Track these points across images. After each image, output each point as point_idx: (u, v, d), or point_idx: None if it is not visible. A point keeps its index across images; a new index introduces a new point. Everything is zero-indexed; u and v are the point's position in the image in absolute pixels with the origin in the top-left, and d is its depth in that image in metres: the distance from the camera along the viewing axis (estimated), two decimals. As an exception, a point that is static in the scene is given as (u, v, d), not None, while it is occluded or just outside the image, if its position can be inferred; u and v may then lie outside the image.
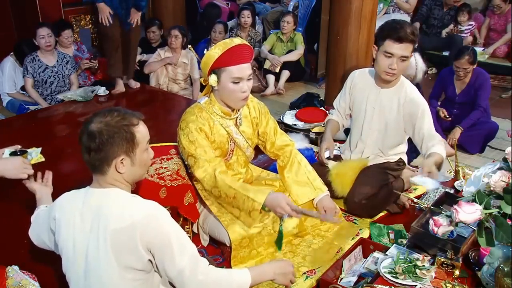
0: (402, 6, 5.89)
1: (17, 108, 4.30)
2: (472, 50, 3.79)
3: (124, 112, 1.57)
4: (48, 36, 4.15)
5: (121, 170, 1.54)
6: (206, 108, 2.26)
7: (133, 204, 1.52)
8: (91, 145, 1.51)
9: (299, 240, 2.38)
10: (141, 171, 1.64)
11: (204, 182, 2.19)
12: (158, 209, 1.52)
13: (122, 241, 1.47)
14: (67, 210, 1.59)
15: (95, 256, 1.50)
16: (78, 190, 1.65)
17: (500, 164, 1.82)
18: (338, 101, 2.83)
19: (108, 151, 1.51)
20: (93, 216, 1.52)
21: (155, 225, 1.48)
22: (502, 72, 5.37)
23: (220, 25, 5.23)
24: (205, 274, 1.52)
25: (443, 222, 1.81)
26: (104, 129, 1.50)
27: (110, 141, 1.50)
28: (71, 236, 1.56)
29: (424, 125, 2.51)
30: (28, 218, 2.52)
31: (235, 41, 2.15)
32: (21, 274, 1.96)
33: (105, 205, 1.51)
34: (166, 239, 1.48)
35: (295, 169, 2.45)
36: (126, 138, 1.52)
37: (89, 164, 1.56)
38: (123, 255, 1.48)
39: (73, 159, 3.28)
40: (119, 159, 1.53)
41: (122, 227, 1.46)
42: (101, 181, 1.57)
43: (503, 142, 3.88)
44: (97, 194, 1.56)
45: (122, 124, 1.53)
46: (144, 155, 1.61)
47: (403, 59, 2.40)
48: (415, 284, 1.91)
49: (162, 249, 1.48)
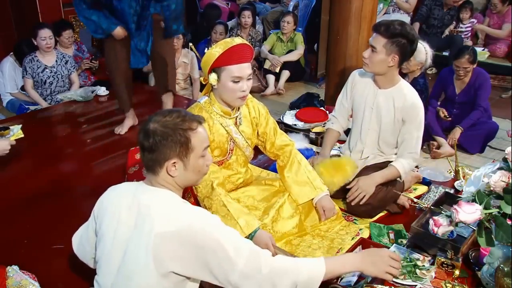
0: (402, 6, 5.89)
1: (17, 108, 4.30)
2: (472, 50, 3.79)
3: (184, 114, 1.53)
4: (49, 38, 4.15)
5: (173, 173, 1.50)
6: (206, 107, 2.27)
7: (182, 209, 1.47)
8: (145, 144, 1.49)
9: (299, 240, 2.38)
10: (194, 177, 1.58)
11: (198, 188, 2.18)
12: (205, 217, 1.47)
13: (166, 247, 1.41)
14: (115, 200, 1.56)
15: (134, 255, 1.46)
16: (130, 183, 1.63)
17: (500, 164, 1.82)
18: (340, 102, 2.83)
19: (160, 152, 1.48)
20: (140, 213, 1.48)
21: (203, 232, 1.41)
22: (502, 72, 5.37)
23: (220, 26, 5.23)
24: (269, 265, 1.43)
25: (443, 222, 1.81)
26: (159, 130, 1.47)
27: (163, 142, 1.47)
28: (114, 227, 1.52)
29: (409, 131, 2.55)
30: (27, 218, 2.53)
31: (236, 41, 2.15)
32: (21, 274, 1.96)
33: (154, 206, 1.47)
34: (216, 244, 1.41)
35: (295, 168, 2.45)
36: (180, 141, 1.48)
37: (144, 162, 1.54)
38: (166, 261, 1.42)
39: (73, 160, 3.28)
40: (171, 162, 1.49)
41: (166, 232, 1.41)
42: (153, 181, 1.54)
43: (503, 142, 3.89)
44: (148, 192, 1.52)
45: (179, 127, 1.48)
46: (200, 161, 1.55)
47: (373, 49, 2.44)
48: (415, 284, 1.91)
49: (215, 255, 1.41)
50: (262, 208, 2.38)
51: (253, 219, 2.15)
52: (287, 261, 1.48)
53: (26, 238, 2.37)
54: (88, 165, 3.15)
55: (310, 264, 1.49)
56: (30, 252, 2.25)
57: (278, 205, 2.38)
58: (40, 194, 2.77)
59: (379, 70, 2.50)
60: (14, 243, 2.33)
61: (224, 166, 2.39)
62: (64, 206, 2.66)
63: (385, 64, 2.45)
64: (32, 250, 2.28)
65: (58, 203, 2.68)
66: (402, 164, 2.57)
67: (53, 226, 2.46)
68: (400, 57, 2.43)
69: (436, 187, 2.85)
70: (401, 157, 2.60)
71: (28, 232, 2.42)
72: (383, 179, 2.55)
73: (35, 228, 2.46)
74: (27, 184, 2.70)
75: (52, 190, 2.84)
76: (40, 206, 2.65)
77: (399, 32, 2.37)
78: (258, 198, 2.42)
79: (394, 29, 2.37)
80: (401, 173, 2.57)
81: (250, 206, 2.35)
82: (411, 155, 2.58)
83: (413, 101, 2.54)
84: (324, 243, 2.36)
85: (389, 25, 2.38)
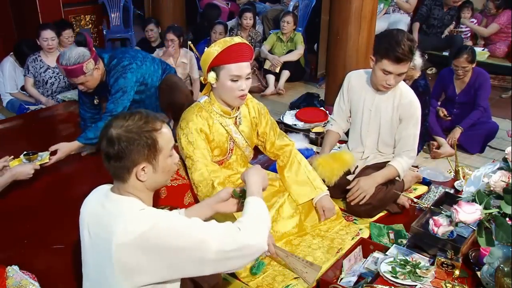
0: (402, 6, 5.89)
1: (17, 108, 4.30)
2: (471, 49, 3.79)
3: (146, 115, 1.46)
4: (52, 39, 4.18)
5: (142, 178, 1.45)
6: (205, 107, 2.26)
7: (139, 217, 1.39)
8: (110, 152, 1.41)
9: (299, 240, 2.38)
10: (164, 178, 1.53)
11: (199, 187, 2.18)
12: (161, 218, 1.40)
13: (128, 259, 1.35)
14: (89, 208, 1.53)
15: (102, 268, 1.42)
16: (102, 187, 1.56)
17: (500, 164, 1.82)
18: (338, 105, 2.83)
19: (128, 158, 1.41)
20: (102, 224, 1.44)
21: (162, 233, 1.35)
22: (502, 72, 5.37)
23: (220, 26, 5.23)
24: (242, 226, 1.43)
25: (443, 222, 1.81)
26: (123, 135, 1.40)
27: (130, 148, 1.40)
28: (86, 236, 1.50)
29: (406, 129, 2.55)
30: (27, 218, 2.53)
31: (235, 40, 2.15)
32: (21, 274, 1.96)
33: (115, 217, 1.41)
34: (182, 238, 1.36)
35: (295, 168, 2.45)
36: (148, 144, 1.42)
37: (109, 171, 1.47)
38: (133, 275, 1.37)
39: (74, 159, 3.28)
40: (140, 167, 1.43)
41: (126, 242, 1.34)
42: (120, 189, 1.48)
43: (503, 142, 3.88)
44: (112, 202, 1.47)
45: (144, 130, 1.42)
46: (168, 161, 1.50)
47: (401, 75, 2.44)
48: (415, 284, 1.91)
49: (183, 251, 1.36)
50: (262, 208, 2.37)
51: None
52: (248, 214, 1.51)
53: (26, 238, 2.37)
54: (89, 165, 3.14)
55: (253, 202, 1.56)
56: (30, 252, 2.25)
57: (278, 205, 2.38)
58: (40, 194, 2.77)
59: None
60: (14, 243, 2.33)
61: (224, 166, 2.39)
62: (64, 206, 2.65)
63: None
64: (32, 250, 2.28)
65: (58, 203, 2.68)
66: (400, 163, 2.57)
67: (53, 226, 2.46)
68: None
69: (436, 187, 2.85)
70: (398, 156, 2.60)
71: (28, 232, 2.41)
72: (384, 179, 2.55)
73: (35, 228, 2.45)
74: (27, 184, 2.70)
75: (52, 190, 2.84)
76: (40, 206, 2.65)
77: (416, 46, 2.41)
78: (258, 198, 2.42)
79: (414, 47, 2.38)
80: (399, 172, 2.57)
81: (250, 206, 2.34)
82: (408, 153, 2.59)
83: (410, 99, 2.54)
84: (324, 243, 2.36)
85: (411, 49, 2.35)
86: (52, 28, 4.22)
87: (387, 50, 2.35)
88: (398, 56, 2.34)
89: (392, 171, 2.57)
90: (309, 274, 2.05)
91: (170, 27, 4.66)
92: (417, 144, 2.65)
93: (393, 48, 2.33)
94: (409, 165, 2.64)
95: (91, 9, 5.90)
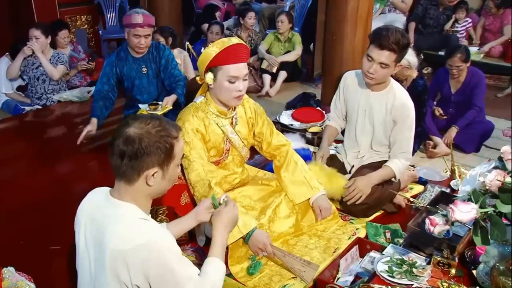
0: (398, 6, 5.90)
1: (12, 109, 4.29)
2: (464, 48, 3.80)
3: (165, 121, 1.49)
4: (36, 37, 4.19)
5: (151, 182, 1.46)
6: (202, 107, 2.26)
7: (138, 228, 1.42)
8: (127, 150, 1.41)
9: (295, 240, 2.38)
10: (167, 187, 1.56)
11: (196, 187, 2.18)
12: (161, 237, 1.43)
13: (120, 267, 1.39)
14: (85, 209, 1.54)
15: (99, 270, 1.45)
16: (100, 190, 1.57)
17: (495, 163, 1.83)
18: (334, 104, 2.85)
19: (144, 160, 1.42)
20: (99, 229, 1.45)
21: (157, 254, 1.39)
22: (498, 72, 5.38)
23: (216, 26, 5.22)
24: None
25: (439, 221, 1.82)
26: (145, 136, 1.41)
27: (149, 149, 1.41)
28: (83, 236, 1.51)
29: (401, 131, 2.56)
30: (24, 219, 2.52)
31: (233, 41, 2.15)
32: (17, 275, 1.95)
33: (113, 223, 1.43)
34: (167, 270, 1.41)
35: (291, 168, 2.45)
36: (166, 149, 1.44)
37: (118, 169, 1.45)
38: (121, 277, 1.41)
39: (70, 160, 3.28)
40: (152, 172, 1.44)
41: (121, 251, 1.37)
42: (122, 192, 1.48)
43: (498, 141, 3.89)
44: (111, 207, 1.47)
45: (164, 135, 1.45)
46: (176, 170, 1.54)
47: (383, 65, 2.41)
48: (411, 283, 1.92)
49: (163, 278, 1.41)
50: (259, 208, 2.38)
51: (250, 219, 2.15)
52: (209, 274, 1.57)
53: (22, 239, 2.37)
54: (85, 166, 3.14)
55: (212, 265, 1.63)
56: (26, 253, 2.25)
57: (275, 205, 2.38)
58: (36, 195, 2.76)
59: (384, 80, 2.52)
60: (10, 244, 2.32)
61: (221, 166, 2.38)
62: (60, 207, 2.64)
63: (390, 74, 2.48)
64: (28, 251, 2.27)
65: (54, 204, 2.67)
66: (396, 164, 2.58)
67: (50, 227, 2.45)
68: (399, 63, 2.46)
69: (432, 187, 2.86)
70: (394, 158, 2.61)
71: (24, 233, 2.41)
72: (380, 180, 2.56)
73: (31, 229, 2.45)
74: (23, 185, 2.69)
75: (48, 191, 2.84)
76: (36, 207, 2.65)
77: (406, 44, 2.39)
78: (255, 198, 2.42)
79: (403, 43, 2.37)
80: (396, 173, 2.59)
81: (247, 206, 2.34)
82: (404, 155, 2.60)
83: (403, 102, 2.55)
84: (320, 243, 2.37)
85: (399, 41, 2.35)
86: (39, 28, 4.23)
87: (375, 35, 2.42)
88: (381, 42, 2.36)
89: (388, 172, 2.58)
90: (307, 273, 2.06)
91: (158, 28, 4.61)
92: (413, 145, 2.66)
93: (380, 34, 2.38)
94: (405, 166, 2.66)
95: (87, 9, 5.89)
